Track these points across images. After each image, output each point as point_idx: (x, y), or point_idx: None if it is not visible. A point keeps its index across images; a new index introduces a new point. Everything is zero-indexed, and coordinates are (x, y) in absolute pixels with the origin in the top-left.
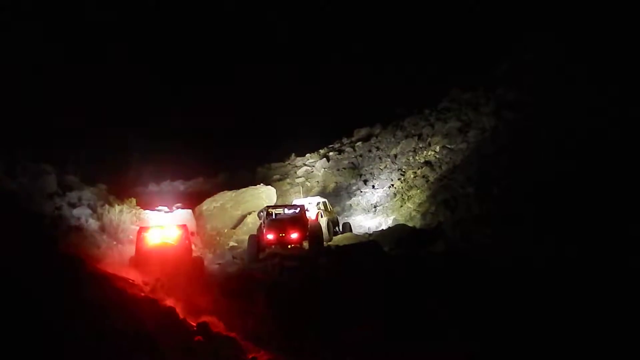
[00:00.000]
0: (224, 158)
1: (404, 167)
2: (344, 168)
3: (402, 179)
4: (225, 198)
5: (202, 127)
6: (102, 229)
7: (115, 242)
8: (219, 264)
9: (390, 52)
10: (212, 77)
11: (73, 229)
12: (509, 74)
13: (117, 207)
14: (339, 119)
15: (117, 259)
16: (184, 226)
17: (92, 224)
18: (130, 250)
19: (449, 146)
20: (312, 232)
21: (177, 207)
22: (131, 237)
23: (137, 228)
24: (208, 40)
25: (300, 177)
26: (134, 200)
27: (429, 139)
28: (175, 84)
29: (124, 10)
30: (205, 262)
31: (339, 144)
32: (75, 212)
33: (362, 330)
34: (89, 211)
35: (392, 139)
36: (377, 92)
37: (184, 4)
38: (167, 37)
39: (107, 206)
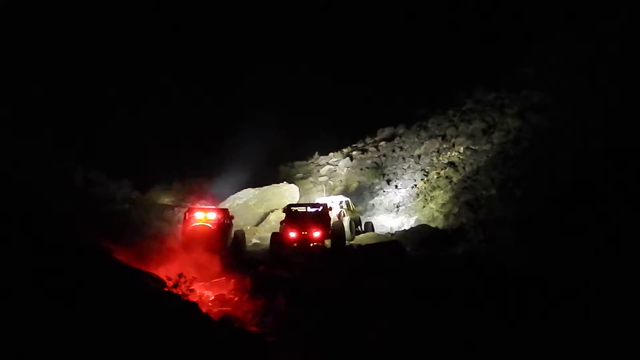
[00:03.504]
0: (247, 154)
1: (427, 167)
2: (367, 167)
3: (425, 179)
4: (248, 195)
5: (225, 123)
6: (128, 223)
7: (141, 236)
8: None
9: (416, 52)
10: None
11: (101, 223)
12: (534, 76)
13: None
14: (362, 119)
15: (143, 253)
16: (224, 210)
17: (119, 217)
18: (154, 246)
19: (473, 147)
20: (335, 231)
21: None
22: (156, 231)
23: (162, 223)
24: (231, 39)
25: (323, 175)
26: (158, 196)
27: (453, 139)
28: (194, 80)
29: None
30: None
31: (363, 144)
32: (103, 205)
33: (382, 330)
34: (118, 205)
35: (416, 139)
36: (401, 92)
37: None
38: (192, 35)
39: (132, 201)
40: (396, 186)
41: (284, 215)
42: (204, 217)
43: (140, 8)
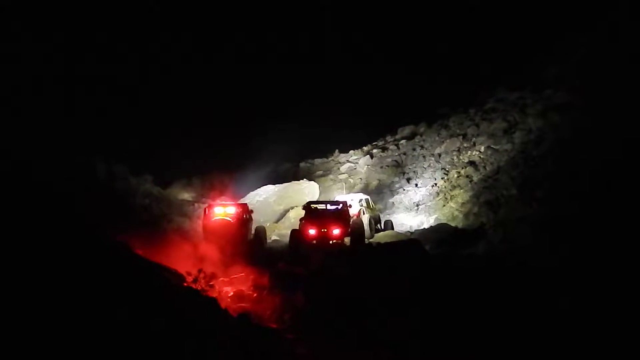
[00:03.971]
0: (267, 151)
1: (448, 166)
2: (387, 166)
3: (446, 178)
4: (268, 192)
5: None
6: (149, 218)
7: (161, 231)
8: None
9: (437, 51)
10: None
11: (122, 217)
12: (558, 75)
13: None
14: (383, 117)
15: (163, 248)
16: (244, 205)
17: (140, 212)
18: (174, 241)
19: (494, 147)
20: (354, 229)
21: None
22: (176, 226)
23: (182, 219)
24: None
25: (343, 173)
26: (178, 192)
27: (474, 138)
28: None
29: None
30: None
31: (383, 142)
32: (125, 200)
33: (401, 328)
34: (139, 200)
35: (437, 138)
36: (423, 90)
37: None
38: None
39: (153, 196)
40: (416, 185)
41: (303, 212)
42: (223, 211)
43: None
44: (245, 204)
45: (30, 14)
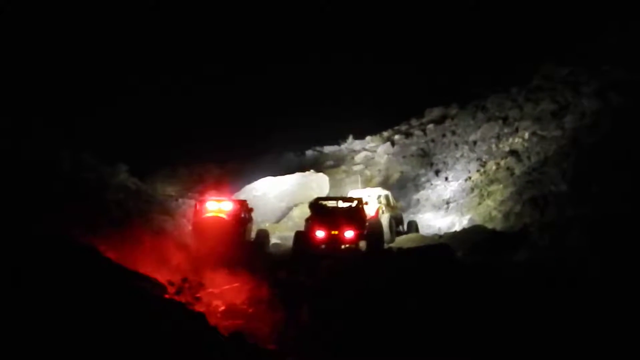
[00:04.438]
0: (267, 137)
1: (485, 156)
2: (412, 155)
3: (482, 170)
4: (267, 186)
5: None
6: (123, 216)
7: (138, 232)
8: None
9: (474, 18)
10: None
11: (90, 215)
12: (618, 48)
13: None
14: (407, 96)
15: (140, 252)
16: (242, 202)
17: (112, 209)
18: (154, 244)
19: (540, 133)
20: (371, 231)
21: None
22: (156, 226)
23: (164, 217)
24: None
25: (359, 164)
26: (160, 184)
27: (516, 123)
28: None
29: None
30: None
31: (407, 126)
32: (94, 194)
33: (421, 353)
34: (111, 194)
35: (471, 122)
36: (455, 65)
37: None
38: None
39: (128, 189)
40: (446, 178)
41: (310, 211)
42: (217, 207)
43: None
44: (244, 200)
45: None
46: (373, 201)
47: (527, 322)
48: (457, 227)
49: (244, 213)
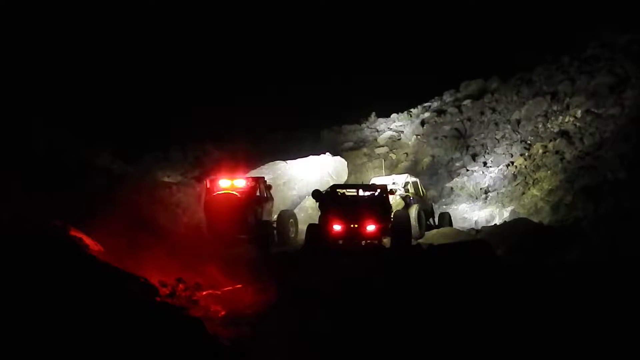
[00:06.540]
0: (277, 113)
1: (530, 138)
2: (445, 136)
3: (527, 154)
4: (276, 172)
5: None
6: (106, 205)
7: (124, 224)
8: None
9: None
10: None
11: (68, 204)
12: None
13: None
14: (439, 67)
15: (127, 248)
16: (258, 178)
17: (93, 197)
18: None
19: (596, 111)
20: (397, 224)
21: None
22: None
23: (154, 206)
24: None
25: (383, 146)
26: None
27: (568, 99)
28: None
29: None
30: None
31: (439, 102)
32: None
33: None
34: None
35: (515, 98)
36: (495, 30)
37: None
38: None
39: (112, 174)
40: (485, 163)
41: (325, 200)
42: (230, 184)
43: None
44: (262, 177)
45: None
46: (399, 190)
47: (579, 333)
48: (497, 221)
49: (261, 191)
